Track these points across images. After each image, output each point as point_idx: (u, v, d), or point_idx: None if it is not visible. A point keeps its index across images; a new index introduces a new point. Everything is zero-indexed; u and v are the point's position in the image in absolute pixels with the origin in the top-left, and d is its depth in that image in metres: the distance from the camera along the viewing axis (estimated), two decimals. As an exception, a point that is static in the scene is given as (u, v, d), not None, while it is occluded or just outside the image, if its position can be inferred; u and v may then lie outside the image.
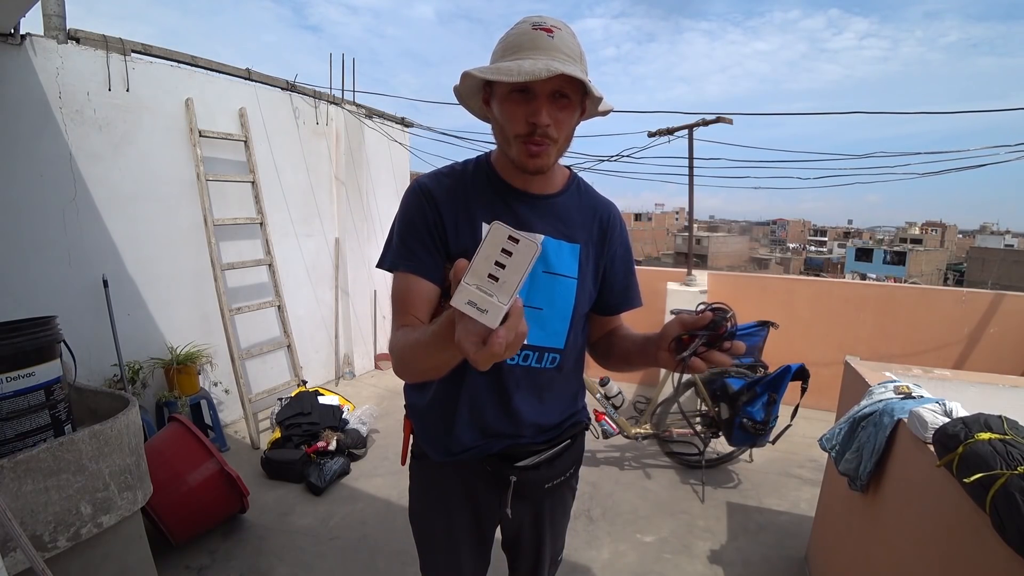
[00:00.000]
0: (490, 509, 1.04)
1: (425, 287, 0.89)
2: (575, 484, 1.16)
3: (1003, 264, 32.39)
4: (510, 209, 0.93)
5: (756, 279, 4.31)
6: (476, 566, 1.13)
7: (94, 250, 2.68)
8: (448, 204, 0.91)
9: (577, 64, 0.82)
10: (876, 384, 1.59)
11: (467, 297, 0.52)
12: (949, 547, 1.11)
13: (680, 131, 3.65)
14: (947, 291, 3.70)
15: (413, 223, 0.91)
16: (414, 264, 0.89)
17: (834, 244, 62.46)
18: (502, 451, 0.98)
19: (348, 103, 4.20)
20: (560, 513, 1.14)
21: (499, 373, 0.94)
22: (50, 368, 1.50)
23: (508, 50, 0.82)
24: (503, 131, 0.87)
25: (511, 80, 0.77)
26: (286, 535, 2.31)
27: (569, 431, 1.05)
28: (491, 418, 0.96)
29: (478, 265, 0.53)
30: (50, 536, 1.36)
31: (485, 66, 0.83)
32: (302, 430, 2.90)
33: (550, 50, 0.80)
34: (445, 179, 0.95)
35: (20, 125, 2.38)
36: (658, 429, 2.88)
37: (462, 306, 0.52)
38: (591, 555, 2.20)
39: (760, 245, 66.76)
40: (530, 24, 0.82)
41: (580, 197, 0.99)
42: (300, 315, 3.86)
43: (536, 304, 0.93)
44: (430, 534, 1.12)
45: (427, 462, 1.06)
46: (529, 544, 1.13)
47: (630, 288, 1.05)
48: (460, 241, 0.91)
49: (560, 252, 0.94)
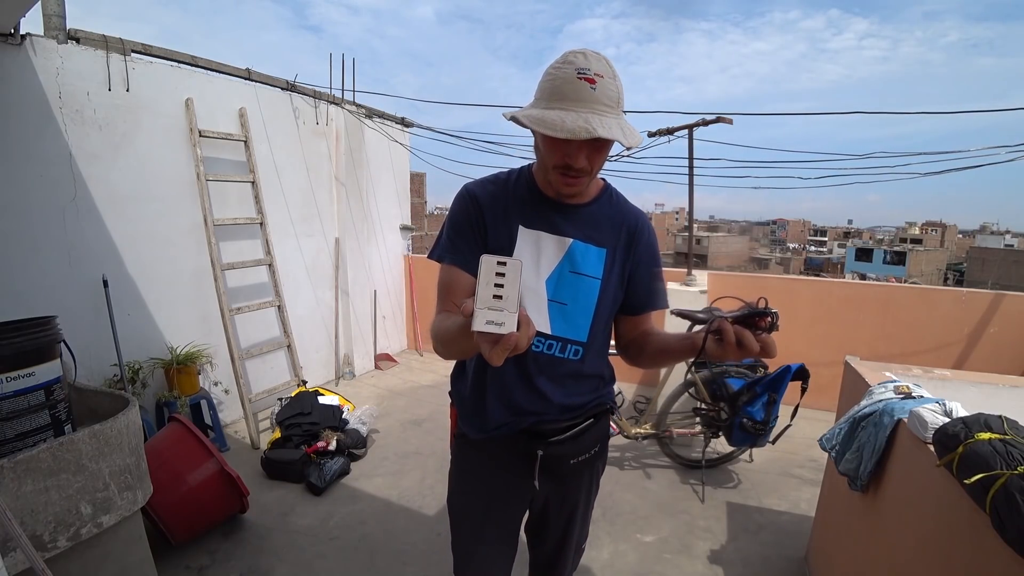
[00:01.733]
0: (520, 486, 1.13)
1: (465, 278, 1.02)
2: (600, 470, 1.24)
3: (1003, 264, 32.37)
4: (544, 216, 1.03)
5: (756, 279, 4.31)
6: (502, 548, 1.19)
7: (94, 250, 2.68)
8: (490, 208, 1.04)
9: (614, 112, 0.89)
10: (876, 384, 1.59)
11: (484, 319, 0.63)
12: (949, 547, 1.11)
13: (680, 131, 3.65)
14: (947, 291, 3.70)
15: (459, 223, 1.05)
16: (458, 258, 1.03)
17: (834, 244, 62.46)
18: (530, 427, 1.08)
19: (348, 103, 4.20)
20: (586, 495, 1.20)
21: (525, 360, 1.04)
22: (50, 368, 1.50)
23: (554, 96, 0.89)
24: (543, 160, 0.97)
25: (554, 135, 0.85)
26: (286, 535, 2.31)
27: (593, 410, 1.13)
28: (519, 397, 1.06)
29: (482, 292, 0.64)
30: (50, 536, 1.36)
31: (530, 111, 0.90)
32: (302, 430, 2.90)
33: (592, 103, 0.87)
34: (490, 186, 1.07)
35: (20, 125, 2.38)
36: (658, 429, 2.88)
37: (482, 327, 0.63)
38: (591, 555, 2.20)
39: (760, 245, 66.75)
40: (575, 70, 0.88)
41: (611, 206, 1.08)
42: (300, 315, 3.86)
43: (562, 299, 1.03)
44: (463, 510, 1.21)
45: (465, 440, 1.17)
46: (556, 526, 1.20)
47: (655, 290, 1.12)
48: (498, 241, 1.03)
49: (587, 255, 1.04)
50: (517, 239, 1.03)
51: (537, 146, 0.97)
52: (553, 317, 1.03)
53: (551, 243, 1.03)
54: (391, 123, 4.75)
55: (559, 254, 1.03)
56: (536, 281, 1.03)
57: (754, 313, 0.81)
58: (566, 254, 1.03)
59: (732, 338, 0.81)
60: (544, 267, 1.03)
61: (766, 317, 0.81)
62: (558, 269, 1.03)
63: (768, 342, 0.81)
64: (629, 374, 4.30)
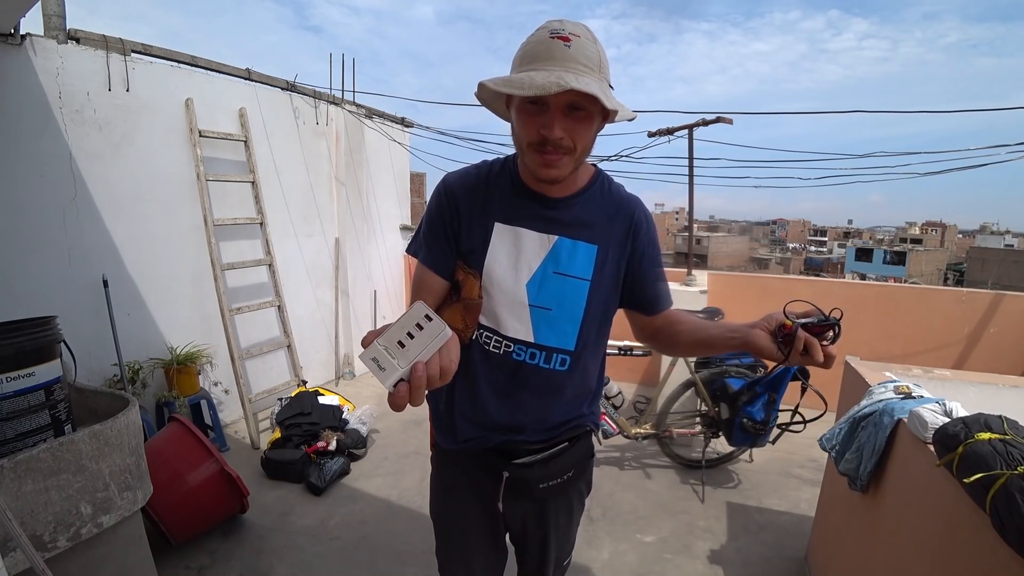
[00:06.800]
0: (492, 501, 1.05)
1: (433, 280, 0.97)
2: (584, 490, 1.12)
3: (1003, 264, 32.36)
4: (525, 210, 0.94)
5: (756, 279, 4.31)
6: (488, 553, 1.13)
7: (94, 250, 2.68)
8: (466, 203, 0.96)
9: (594, 74, 0.80)
10: (876, 384, 1.59)
11: (372, 355, 0.61)
12: (949, 547, 1.11)
13: (680, 131, 3.65)
14: (947, 291, 3.70)
15: (433, 221, 0.98)
16: (429, 259, 0.98)
17: (834, 244, 62.45)
18: (498, 446, 1.01)
19: (348, 103, 4.20)
20: (565, 517, 1.11)
21: (504, 371, 0.97)
22: (50, 368, 1.49)
23: (525, 59, 0.82)
24: (519, 139, 0.87)
25: (522, 94, 0.77)
26: (286, 535, 2.31)
27: (568, 433, 1.04)
28: (493, 411, 0.98)
29: (393, 331, 0.62)
30: (50, 536, 1.36)
31: (499, 77, 0.82)
32: (302, 430, 2.90)
33: (565, 61, 0.78)
34: (470, 178, 0.98)
35: (20, 125, 2.38)
36: (658, 429, 2.88)
37: (365, 361, 0.61)
38: (591, 555, 2.20)
39: (760, 245, 66.74)
40: (548, 31, 0.81)
41: (603, 196, 0.98)
42: (300, 315, 3.86)
43: (545, 304, 0.94)
44: (442, 519, 1.15)
45: (440, 450, 1.12)
46: (534, 544, 1.12)
47: (660, 288, 1.02)
48: (471, 240, 0.95)
49: (574, 253, 0.94)
50: (492, 237, 0.94)
51: (514, 131, 0.88)
52: (536, 324, 0.94)
53: (532, 241, 0.93)
54: (391, 123, 4.75)
55: (541, 253, 0.93)
56: (515, 284, 0.93)
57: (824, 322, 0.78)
58: (549, 253, 0.93)
59: (801, 345, 0.76)
60: (524, 268, 0.93)
61: (832, 328, 0.78)
62: (540, 270, 0.93)
63: (831, 354, 0.77)
64: (629, 374, 4.30)
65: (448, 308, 0.98)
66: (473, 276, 0.95)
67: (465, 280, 0.96)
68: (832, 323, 0.78)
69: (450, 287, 0.99)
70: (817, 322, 0.78)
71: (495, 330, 0.96)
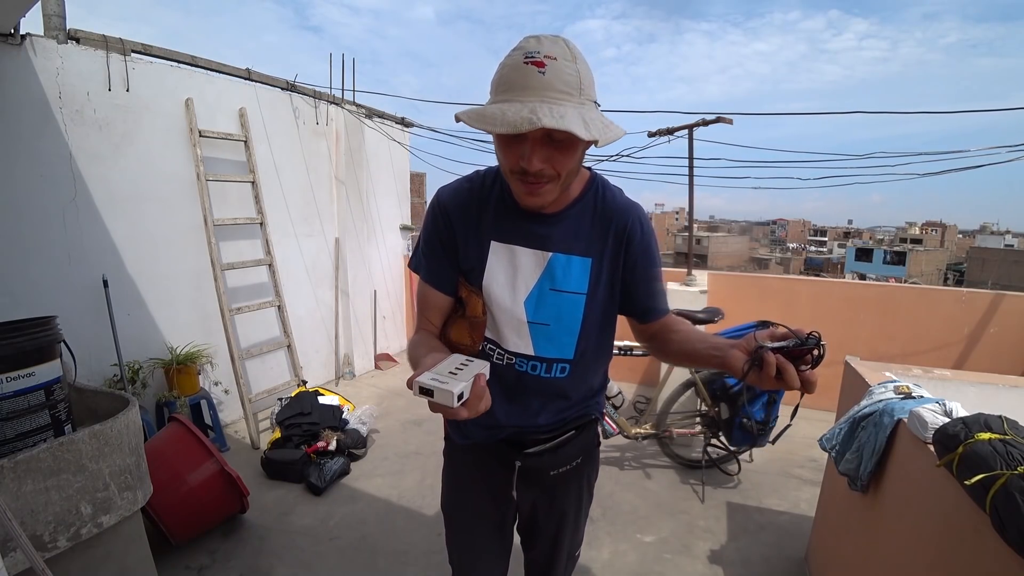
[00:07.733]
0: (503, 490, 1.09)
1: (437, 297, 1.00)
2: (592, 478, 1.18)
3: (1003, 264, 32.37)
4: (519, 227, 0.94)
5: (756, 279, 4.31)
6: (494, 546, 1.17)
7: (94, 250, 2.68)
8: (460, 221, 0.96)
9: (573, 99, 0.75)
10: (876, 384, 1.59)
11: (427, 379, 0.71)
12: (949, 547, 1.11)
13: (680, 131, 3.65)
14: (947, 291, 3.70)
15: (430, 239, 0.99)
16: (431, 277, 1.00)
17: (834, 244, 62.47)
18: (509, 437, 1.05)
19: (348, 103, 4.20)
20: (574, 508, 1.16)
21: (508, 380, 1.00)
22: (50, 368, 1.49)
23: (500, 86, 0.77)
24: (501, 165, 0.86)
25: (493, 131, 0.74)
26: (286, 535, 2.31)
27: (575, 422, 1.08)
28: (500, 413, 1.02)
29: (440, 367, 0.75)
30: (50, 536, 1.36)
31: (473, 110, 0.78)
32: (302, 430, 2.90)
33: (541, 90, 0.74)
34: (462, 195, 0.97)
35: (20, 125, 2.38)
36: (658, 429, 2.88)
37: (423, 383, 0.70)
38: (591, 555, 2.20)
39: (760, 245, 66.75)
40: (523, 55, 0.76)
41: (596, 206, 0.95)
42: (300, 315, 3.86)
43: (543, 320, 0.96)
44: (452, 511, 1.19)
45: (452, 443, 1.16)
46: (546, 533, 1.16)
47: (653, 296, 1.01)
48: (469, 259, 0.96)
49: (569, 268, 0.94)
50: (489, 256, 0.94)
51: (496, 153, 0.85)
52: (535, 339, 0.96)
53: (528, 259, 0.93)
54: (391, 123, 4.75)
55: (537, 271, 0.93)
56: (513, 303, 0.94)
57: (801, 346, 0.74)
58: (545, 271, 0.93)
59: (772, 372, 0.72)
60: (521, 287, 0.94)
61: (812, 351, 0.73)
62: (537, 288, 0.94)
63: (809, 379, 0.73)
64: (629, 374, 4.30)
65: (455, 324, 1.02)
66: (476, 295, 0.97)
67: (469, 298, 0.99)
68: (810, 346, 0.73)
69: (454, 302, 1.02)
70: (792, 346, 0.74)
71: (497, 343, 0.99)
